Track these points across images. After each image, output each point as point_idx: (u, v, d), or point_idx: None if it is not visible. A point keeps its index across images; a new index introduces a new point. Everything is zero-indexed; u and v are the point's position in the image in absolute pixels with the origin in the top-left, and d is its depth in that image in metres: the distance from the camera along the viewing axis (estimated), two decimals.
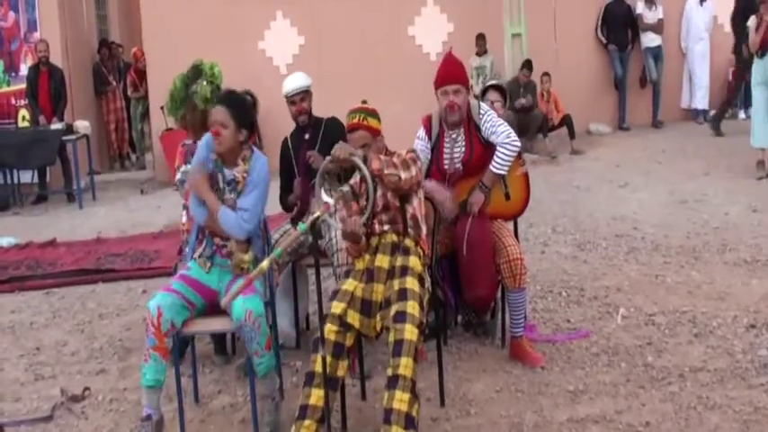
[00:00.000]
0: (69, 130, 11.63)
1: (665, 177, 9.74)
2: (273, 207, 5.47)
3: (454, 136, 5.06)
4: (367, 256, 4.31)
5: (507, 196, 5.17)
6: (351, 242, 4.29)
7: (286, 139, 5.79)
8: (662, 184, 9.45)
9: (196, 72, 5.54)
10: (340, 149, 4.10)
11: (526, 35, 12.21)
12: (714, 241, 7.20)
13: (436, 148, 5.08)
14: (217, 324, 4.48)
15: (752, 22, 9.55)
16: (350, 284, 4.23)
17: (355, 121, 4.40)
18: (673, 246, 7.17)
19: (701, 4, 12.93)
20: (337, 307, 4.12)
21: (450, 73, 5.02)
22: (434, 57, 12.50)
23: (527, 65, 11.73)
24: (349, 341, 4.11)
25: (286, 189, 5.68)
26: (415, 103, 4.84)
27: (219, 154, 4.49)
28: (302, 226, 3.98)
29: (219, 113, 4.48)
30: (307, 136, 5.64)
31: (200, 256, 4.53)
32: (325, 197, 4.06)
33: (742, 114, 12.69)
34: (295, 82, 5.67)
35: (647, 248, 7.16)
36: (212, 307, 4.44)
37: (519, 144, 5.04)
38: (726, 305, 5.76)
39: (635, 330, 5.43)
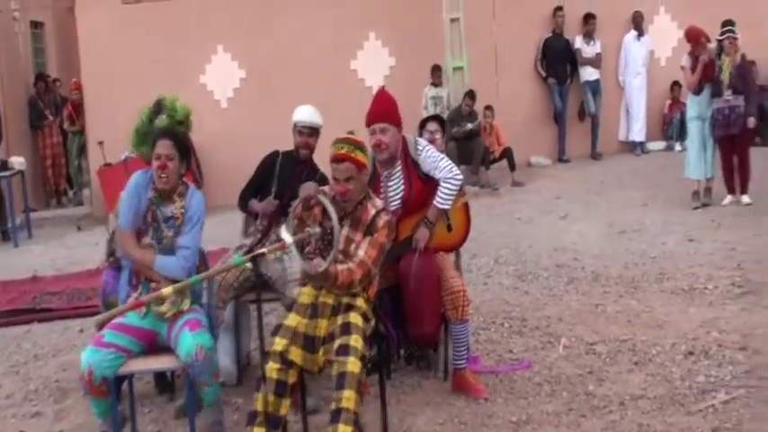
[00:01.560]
0: (4, 166, 11.37)
1: (604, 208, 9.89)
2: (212, 242, 5.40)
3: (389, 174, 5.05)
4: (313, 291, 4.27)
5: (449, 228, 5.20)
6: (312, 282, 4.26)
7: (279, 153, 5.67)
8: (601, 215, 9.59)
9: (158, 106, 5.50)
10: (308, 189, 4.09)
11: (468, 69, 12.35)
12: (652, 271, 7.31)
13: (372, 187, 5.05)
14: (159, 362, 4.40)
15: (685, 61, 9.77)
16: (292, 320, 4.18)
17: (343, 152, 4.32)
18: (612, 275, 7.26)
19: (639, 39, 13.23)
20: (279, 344, 4.07)
21: (377, 111, 4.99)
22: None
23: (470, 94, 11.86)
24: (291, 378, 4.06)
25: (252, 192, 5.58)
26: (359, 138, 4.86)
27: (162, 190, 4.43)
28: (239, 259, 3.94)
29: (165, 147, 4.41)
30: (302, 175, 5.51)
31: None
32: (285, 235, 4.03)
33: (677, 147, 12.96)
34: (310, 115, 5.60)
35: (588, 278, 7.24)
36: (153, 347, 4.37)
37: (461, 178, 5.07)
38: (664, 333, 5.83)
39: (576, 360, 5.46)
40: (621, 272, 7.35)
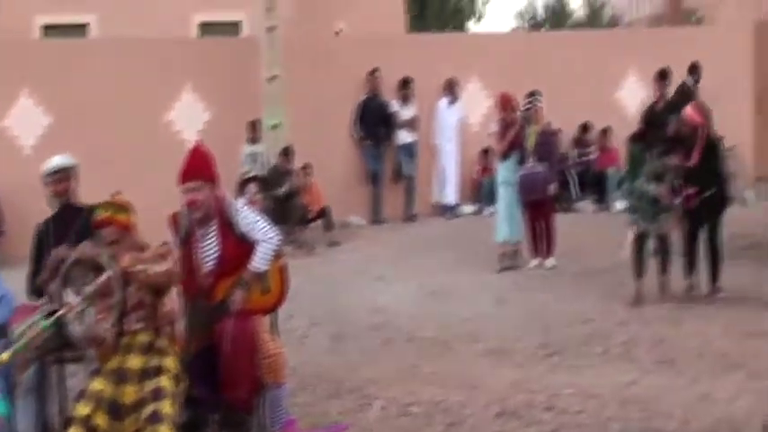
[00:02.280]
0: None
1: (418, 270, 10.05)
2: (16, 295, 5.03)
3: (204, 232, 4.91)
4: (118, 357, 4.05)
5: (266, 289, 5.09)
6: (94, 345, 4.03)
7: (45, 222, 5.36)
8: (415, 276, 9.74)
9: None
10: (86, 250, 3.89)
11: (285, 126, 12.36)
12: (464, 332, 7.47)
13: (186, 246, 4.89)
14: None
15: (494, 128, 10.15)
16: (98, 384, 3.95)
17: (104, 217, 4.19)
18: (426, 337, 7.36)
19: (452, 105, 13.67)
20: (83, 409, 3.83)
21: (190, 169, 4.87)
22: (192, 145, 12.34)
23: (286, 151, 11.86)
24: None
25: (37, 273, 5.23)
26: (173, 193, 4.70)
27: None
28: (45, 323, 3.71)
29: None
30: (67, 223, 5.23)
31: None
32: (69, 296, 3.82)
33: (487, 210, 13.40)
34: (54, 161, 5.36)
35: (403, 339, 7.30)
36: None
37: (279, 240, 5.01)
38: (477, 394, 5.94)
39: (392, 421, 5.48)
40: (435, 333, 7.46)
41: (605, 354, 6.82)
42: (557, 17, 38.87)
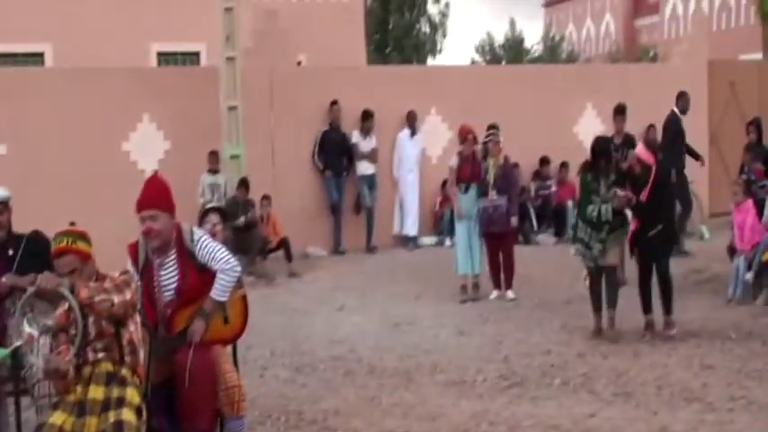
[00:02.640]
0: None
1: (378, 301, 10.03)
2: None
3: (162, 262, 4.85)
4: (79, 388, 3.97)
5: (226, 320, 5.03)
6: (56, 378, 3.94)
7: None
8: (376, 307, 9.71)
9: None
10: (46, 281, 3.82)
11: (244, 157, 12.32)
12: (425, 363, 7.45)
13: (145, 276, 4.83)
14: None
15: (453, 161, 10.19)
16: (58, 417, 3.87)
17: (63, 245, 4.14)
18: (387, 368, 7.32)
19: (412, 137, 13.74)
20: None
21: (148, 197, 4.85)
22: (150, 174, 12.25)
23: (243, 182, 11.81)
24: None
25: None
26: (130, 223, 4.63)
27: None
28: (2, 352, 3.62)
29: None
30: (10, 252, 5.19)
31: None
32: (28, 328, 3.74)
33: (448, 242, 13.45)
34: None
35: (364, 371, 7.26)
36: None
37: (239, 270, 4.96)
38: (438, 425, 5.92)
39: None
40: (397, 364, 7.43)
41: (565, 385, 6.84)
42: (514, 52, 39.38)
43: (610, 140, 8.78)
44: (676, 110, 12.51)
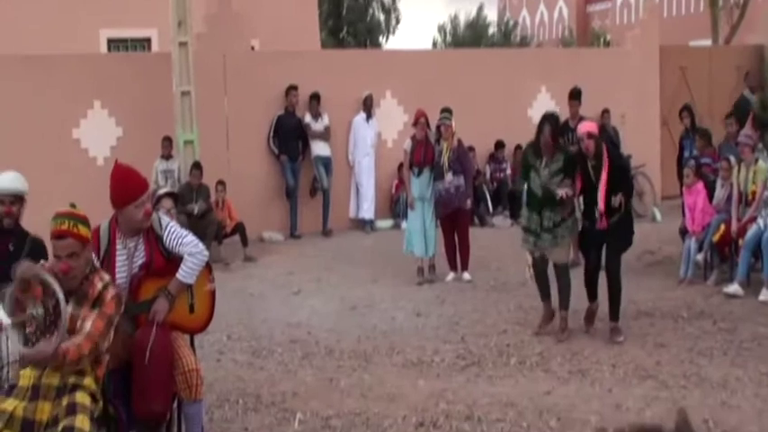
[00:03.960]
0: None
1: (335, 284, 10.03)
2: None
3: (131, 245, 4.81)
4: (34, 372, 3.91)
5: (192, 308, 4.98)
6: (38, 364, 3.90)
7: None
8: (333, 290, 9.71)
9: None
10: (26, 269, 3.77)
11: (198, 142, 12.21)
12: (383, 345, 7.47)
13: (107, 260, 4.77)
14: None
15: (407, 145, 10.20)
16: (9, 404, 3.83)
17: (64, 228, 4.06)
18: (345, 350, 7.33)
19: (368, 121, 13.72)
20: None
21: (128, 188, 4.77)
22: (102, 161, 12.10)
23: (196, 165, 11.71)
24: None
25: None
26: (82, 209, 4.55)
27: None
28: None
29: None
30: (11, 248, 5.09)
31: None
32: (2, 315, 3.70)
33: (404, 224, 13.46)
34: (11, 182, 5.33)
35: (321, 353, 7.26)
36: None
37: (207, 254, 4.93)
38: (396, 406, 5.95)
39: None
40: (354, 346, 7.44)
41: (521, 364, 6.91)
42: (477, 34, 39.35)
43: (557, 117, 8.00)
44: (746, 91, 12.50)
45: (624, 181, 7.52)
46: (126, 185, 4.78)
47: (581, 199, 7.59)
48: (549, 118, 7.68)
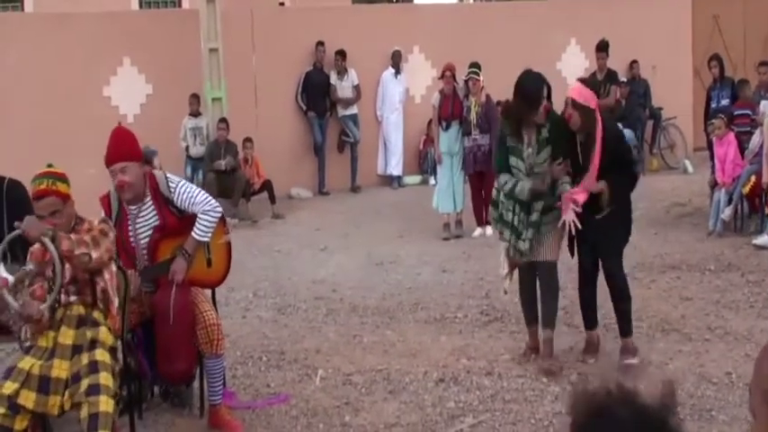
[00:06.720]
0: None
1: (362, 240, 10.07)
2: None
3: (137, 211, 4.86)
4: (51, 333, 3.99)
5: (209, 263, 5.04)
6: (30, 323, 3.98)
7: None
8: (359, 246, 9.75)
9: None
10: (30, 226, 3.82)
11: (227, 99, 12.23)
12: (407, 301, 7.51)
13: (119, 226, 4.83)
14: None
15: (435, 100, 10.15)
16: (26, 362, 3.91)
17: (43, 186, 4.11)
18: (369, 306, 7.38)
19: (396, 77, 13.65)
20: (8, 387, 3.79)
21: (115, 151, 4.80)
22: (132, 119, 12.19)
23: (223, 122, 11.75)
24: (19, 425, 3.78)
25: None
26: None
27: None
28: None
29: None
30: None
31: None
32: (3, 271, 3.78)
33: (432, 180, 13.45)
34: None
35: (346, 310, 7.32)
36: None
37: (220, 210, 4.97)
38: (417, 362, 5.99)
39: (333, 391, 5.50)
40: (378, 303, 7.49)
41: None
42: None
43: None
44: None
45: (623, 167, 5.68)
46: (110, 147, 4.82)
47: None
48: (531, 83, 5.74)
